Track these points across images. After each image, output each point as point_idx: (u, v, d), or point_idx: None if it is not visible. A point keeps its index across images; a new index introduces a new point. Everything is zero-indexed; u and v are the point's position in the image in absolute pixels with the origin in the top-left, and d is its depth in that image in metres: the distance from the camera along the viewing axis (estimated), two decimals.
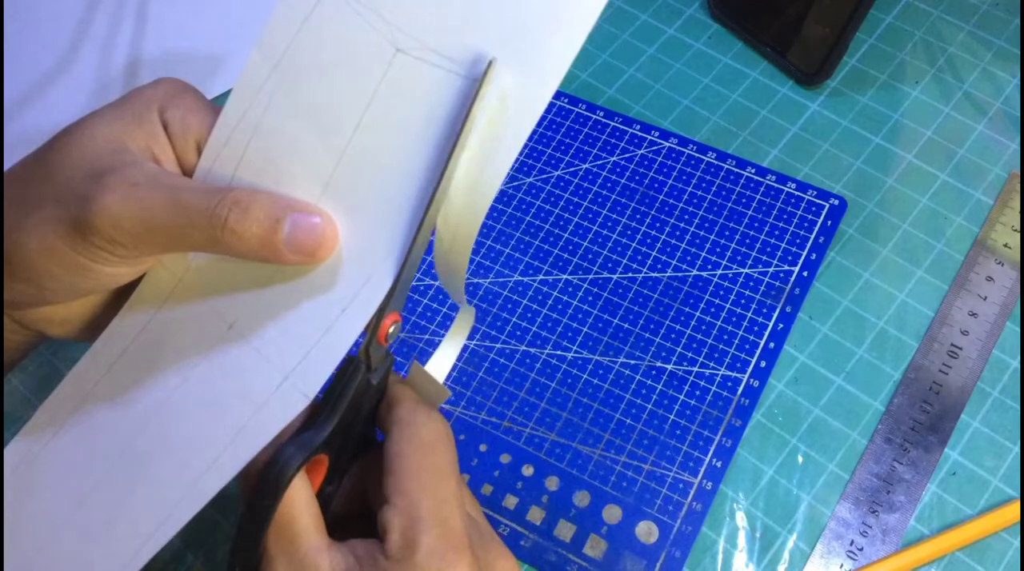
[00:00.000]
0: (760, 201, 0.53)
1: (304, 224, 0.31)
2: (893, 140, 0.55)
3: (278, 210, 0.31)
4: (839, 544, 0.44)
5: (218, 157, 0.33)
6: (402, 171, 0.31)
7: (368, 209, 0.32)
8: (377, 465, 0.33)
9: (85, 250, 0.31)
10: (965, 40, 0.59)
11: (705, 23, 0.60)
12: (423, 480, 0.31)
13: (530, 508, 0.45)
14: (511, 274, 0.51)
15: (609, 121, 0.56)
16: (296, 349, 0.31)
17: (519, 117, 0.30)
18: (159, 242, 0.31)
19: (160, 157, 0.33)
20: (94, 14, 0.61)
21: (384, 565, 0.30)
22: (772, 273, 0.51)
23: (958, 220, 0.52)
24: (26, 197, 0.32)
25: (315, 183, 0.32)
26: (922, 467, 0.45)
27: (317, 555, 0.30)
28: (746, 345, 0.49)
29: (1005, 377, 0.48)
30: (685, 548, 0.44)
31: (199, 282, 0.33)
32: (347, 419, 0.32)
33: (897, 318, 0.50)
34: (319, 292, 0.32)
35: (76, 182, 0.31)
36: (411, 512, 0.31)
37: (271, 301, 0.32)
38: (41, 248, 0.31)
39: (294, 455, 0.30)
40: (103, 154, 0.32)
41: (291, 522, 0.31)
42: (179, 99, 0.34)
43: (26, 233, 0.31)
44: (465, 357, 0.49)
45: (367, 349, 0.32)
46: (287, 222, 0.31)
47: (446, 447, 0.33)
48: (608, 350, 0.49)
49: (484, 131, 0.30)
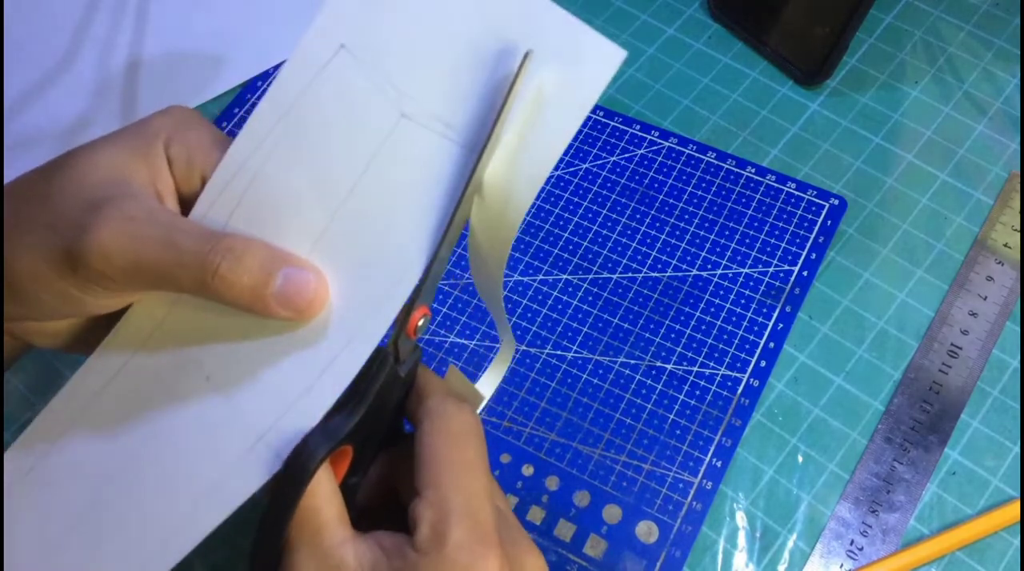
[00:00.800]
0: (760, 201, 0.53)
1: (296, 279, 0.31)
2: (893, 140, 0.55)
3: (272, 263, 0.31)
4: (839, 544, 0.44)
5: (215, 201, 0.33)
6: (396, 234, 0.31)
7: (356, 270, 0.32)
8: (405, 456, 0.32)
9: (73, 281, 0.31)
10: (965, 40, 0.59)
11: (705, 23, 0.60)
12: (454, 473, 0.31)
13: (530, 508, 0.45)
14: (511, 274, 0.51)
15: (609, 121, 0.56)
16: (272, 409, 0.31)
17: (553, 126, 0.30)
18: (147, 280, 0.31)
19: (162, 192, 0.33)
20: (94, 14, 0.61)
21: (413, 558, 0.30)
22: (772, 273, 0.51)
23: (958, 220, 0.52)
24: (21, 216, 0.32)
25: (306, 238, 0.32)
26: (922, 467, 0.45)
27: (342, 547, 0.30)
28: (746, 345, 0.49)
29: (1005, 377, 0.48)
30: (685, 548, 0.44)
31: (180, 326, 0.33)
32: (374, 410, 0.32)
33: (897, 318, 0.50)
34: (300, 350, 0.31)
35: (72, 210, 0.31)
36: (441, 505, 0.30)
37: (251, 355, 0.32)
38: (29, 272, 0.31)
39: (319, 445, 0.30)
40: (103, 184, 0.32)
41: (315, 513, 0.30)
42: (187, 133, 0.34)
43: (16, 254, 0.31)
44: (465, 357, 0.49)
45: (395, 341, 0.32)
46: (280, 276, 0.31)
47: (477, 440, 0.33)
48: (608, 350, 0.49)
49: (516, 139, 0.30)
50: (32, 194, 0.32)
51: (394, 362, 0.32)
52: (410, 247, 0.31)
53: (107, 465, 0.33)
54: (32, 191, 0.33)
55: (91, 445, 0.33)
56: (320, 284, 0.31)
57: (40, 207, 0.32)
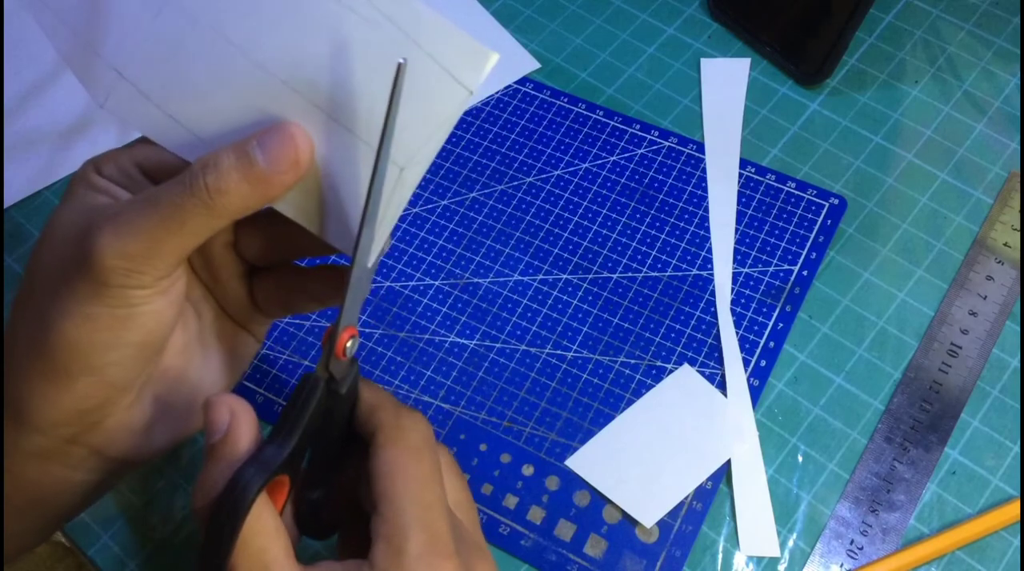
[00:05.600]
0: (760, 200, 0.53)
1: (270, 139, 0.31)
2: (893, 140, 0.55)
3: (243, 144, 0.31)
4: (839, 543, 0.44)
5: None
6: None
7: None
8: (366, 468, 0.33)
9: (112, 297, 0.31)
10: (965, 39, 0.59)
11: (705, 23, 0.60)
12: (408, 486, 0.31)
13: (530, 508, 0.45)
14: (511, 274, 0.51)
15: (609, 121, 0.56)
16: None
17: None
18: (169, 247, 0.31)
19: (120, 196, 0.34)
20: None
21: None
22: (772, 272, 0.51)
23: (958, 219, 0.52)
24: (38, 302, 0.32)
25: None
26: (922, 466, 0.45)
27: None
28: (746, 344, 0.49)
29: (1005, 376, 0.48)
30: (685, 548, 0.44)
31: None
32: (315, 429, 0.32)
33: (897, 317, 0.50)
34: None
35: (69, 252, 0.32)
36: (396, 519, 0.31)
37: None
38: (77, 323, 0.31)
39: (253, 477, 0.29)
40: (78, 221, 0.32)
41: (260, 552, 0.30)
42: (104, 155, 0.35)
43: (57, 322, 0.31)
44: (465, 357, 0.49)
45: (326, 365, 0.32)
46: (254, 146, 0.31)
47: (430, 451, 0.33)
48: (608, 350, 0.49)
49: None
50: (33, 283, 0.33)
51: (329, 382, 0.32)
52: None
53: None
54: (32, 283, 0.33)
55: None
56: (289, 126, 0.32)
57: (45, 280, 0.33)
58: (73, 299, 0.31)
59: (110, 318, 0.31)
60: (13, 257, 0.53)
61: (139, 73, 0.34)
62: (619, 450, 0.46)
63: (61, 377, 0.32)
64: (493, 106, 0.57)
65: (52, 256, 0.33)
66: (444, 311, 0.50)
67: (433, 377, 0.49)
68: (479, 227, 0.53)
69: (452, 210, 0.54)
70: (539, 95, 0.57)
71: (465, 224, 0.53)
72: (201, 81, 0.33)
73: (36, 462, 0.34)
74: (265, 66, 0.32)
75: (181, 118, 0.33)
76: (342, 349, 0.32)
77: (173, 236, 0.31)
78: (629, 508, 0.44)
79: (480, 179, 0.55)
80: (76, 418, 0.33)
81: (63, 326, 0.31)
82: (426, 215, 0.53)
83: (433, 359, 0.49)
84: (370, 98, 0.31)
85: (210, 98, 0.33)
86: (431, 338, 0.50)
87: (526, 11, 0.61)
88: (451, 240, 0.53)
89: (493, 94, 0.57)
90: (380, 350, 0.49)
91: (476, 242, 0.52)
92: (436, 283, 0.51)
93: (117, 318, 0.31)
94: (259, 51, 0.32)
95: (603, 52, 0.59)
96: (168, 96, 0.34)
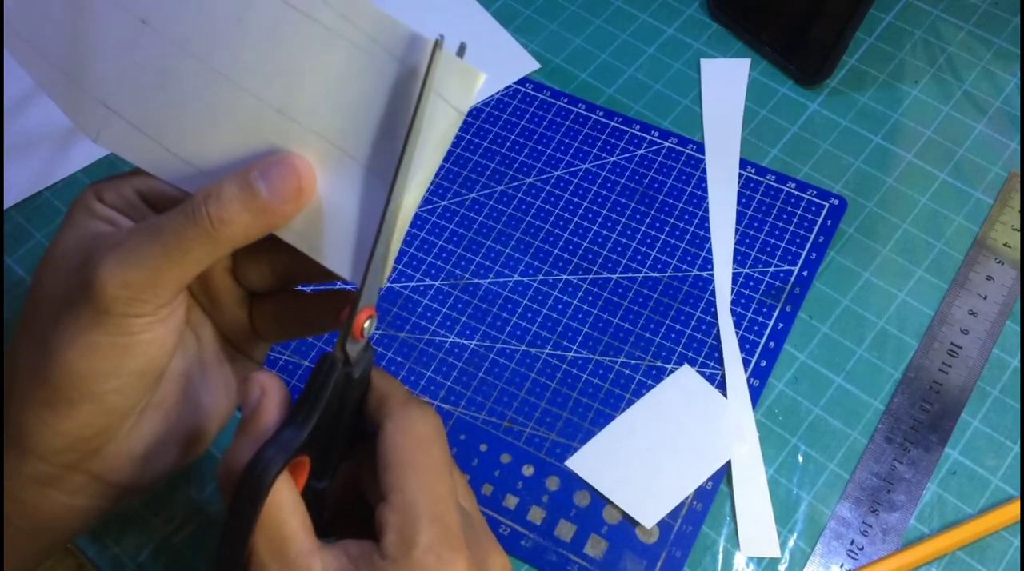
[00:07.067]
0: (760, 201, 0.53)
1: (272, 170, 0.31)
2: (893, 140, 0.55)
3: (245, 174, 0.31)
4: (839, 543, 0.44)
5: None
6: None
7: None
8: (372, 459, 0.32)
9: (114, 326, 0.31)
10: (965, 40, 0.59)
11: (705, 23, 0.60)
12: (419, 476, 0.31)
13: (530, 508, 0.45)
14: (511, 274, 0.51)
15: (609, 121, 0.56)
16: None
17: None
18: (171, 275, 0.31)
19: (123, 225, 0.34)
20: None
21: (380, 565, 0.30)
22: (772, 273, 0.51)
23: (958, 219, 0.52)
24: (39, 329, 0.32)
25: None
26: (922, 466, 0.45)
27: (309, 558, 0.30)
28: (746, 345, 0.49)
29: (1005, 376, 0.48)
30: (685, 548, 0.44)
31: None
32: (330, 414, 0.32)
33: (897, 317, 0.50)
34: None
35: (71, 280, 0.32)
36: (408, 510, 0.30)
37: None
38: (79, 352, 0.31)
39: (274, 457, 0.30)
40: (79, 248, 0.32)
41: (279, 526, 0.30)
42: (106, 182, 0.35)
43: (59, 350, 0.32)
44: (465, 357, 0.49)
45: (343, 345, 0.32)
46: (256, 177, 0.31)
47: (440, 442, 0.33)
48: (608, 350, 0.49)
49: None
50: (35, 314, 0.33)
51: (344, 365, 0.32)
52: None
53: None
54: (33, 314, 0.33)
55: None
56: (291, 156, 0.32)
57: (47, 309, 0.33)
58: (75, 327, 0.31)
59: (111, 346, 0.31)
60: (13, 257, 0.53)
61: (126, 105, 0.34)
62: (619, 450, 0.46)
63: (62, 405, 0.32)
64: (493, 106, 0.57)
65: (53, 283, 0.33)
66: (444, 312, 0.50)
67: (433, 378, 0.49)
68: (479, 228, 0.53)
69: (452, 211, 0.54)
70: (539, 95, 0.57)
71: (465, 225, 0.53)
72: (194, 111, 0.33)
73: (36, 488, 0.34)
74: (257, 94, 0.32)
75: (177, 150, 0.33)
76: (360, 329, 0.32)
77: (175, 265, 0.31)
78: (629, 508, 0.44)
79: (480, 179, 0.55)
80: (77, 445, 0.33)
81: (65, 354, 0.31)
82: (426, 216, 0.54)
83: (433, 360, 0.49)
84: (367, 122, 0.31)
85: (205, 128, 0.33)
86: (431, 339, 0.50)
87: (526, 11, 0.61)
88: (451, 241, 0.53)
89: (493, 94, 0.57)
90: (380, 350, 0.49)
91: (476, 243, 0.53)
92: (436, 284, 0.51)
93: (118, 346, 0.31)
94: (249, 79, 0.32)
95: (603, 52, 0.59)
96: (161, 128, 0.33)
